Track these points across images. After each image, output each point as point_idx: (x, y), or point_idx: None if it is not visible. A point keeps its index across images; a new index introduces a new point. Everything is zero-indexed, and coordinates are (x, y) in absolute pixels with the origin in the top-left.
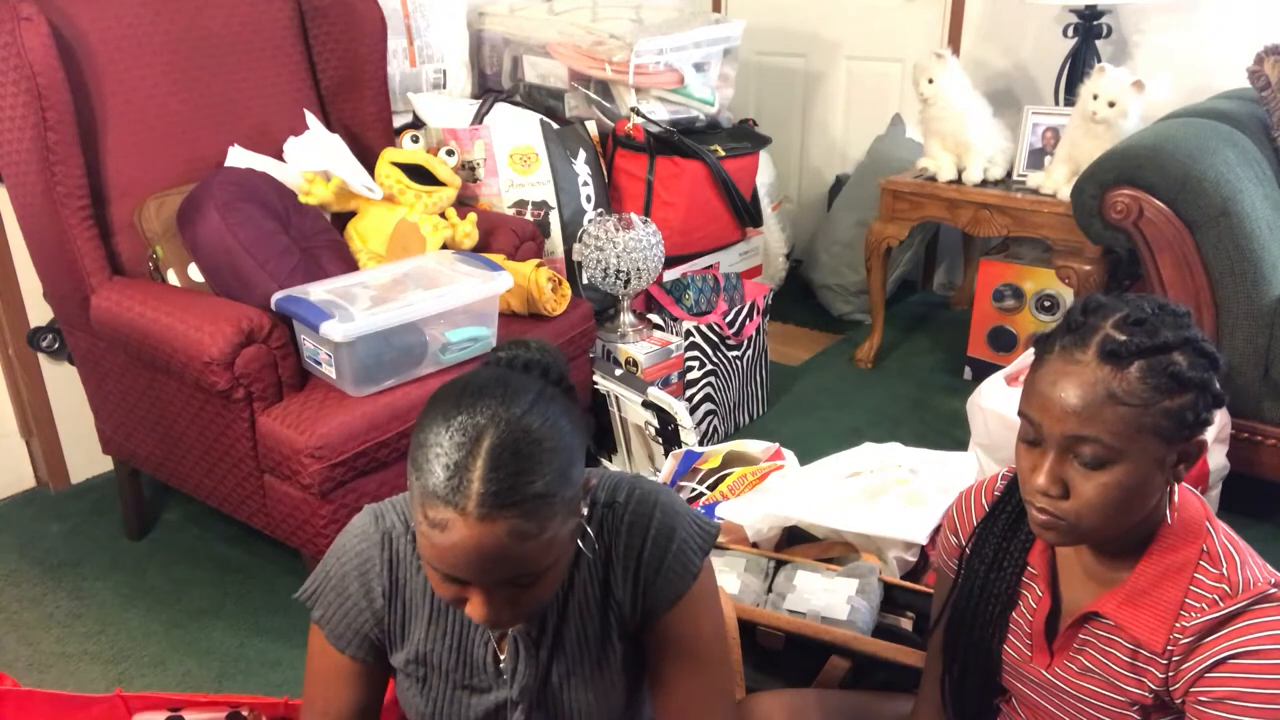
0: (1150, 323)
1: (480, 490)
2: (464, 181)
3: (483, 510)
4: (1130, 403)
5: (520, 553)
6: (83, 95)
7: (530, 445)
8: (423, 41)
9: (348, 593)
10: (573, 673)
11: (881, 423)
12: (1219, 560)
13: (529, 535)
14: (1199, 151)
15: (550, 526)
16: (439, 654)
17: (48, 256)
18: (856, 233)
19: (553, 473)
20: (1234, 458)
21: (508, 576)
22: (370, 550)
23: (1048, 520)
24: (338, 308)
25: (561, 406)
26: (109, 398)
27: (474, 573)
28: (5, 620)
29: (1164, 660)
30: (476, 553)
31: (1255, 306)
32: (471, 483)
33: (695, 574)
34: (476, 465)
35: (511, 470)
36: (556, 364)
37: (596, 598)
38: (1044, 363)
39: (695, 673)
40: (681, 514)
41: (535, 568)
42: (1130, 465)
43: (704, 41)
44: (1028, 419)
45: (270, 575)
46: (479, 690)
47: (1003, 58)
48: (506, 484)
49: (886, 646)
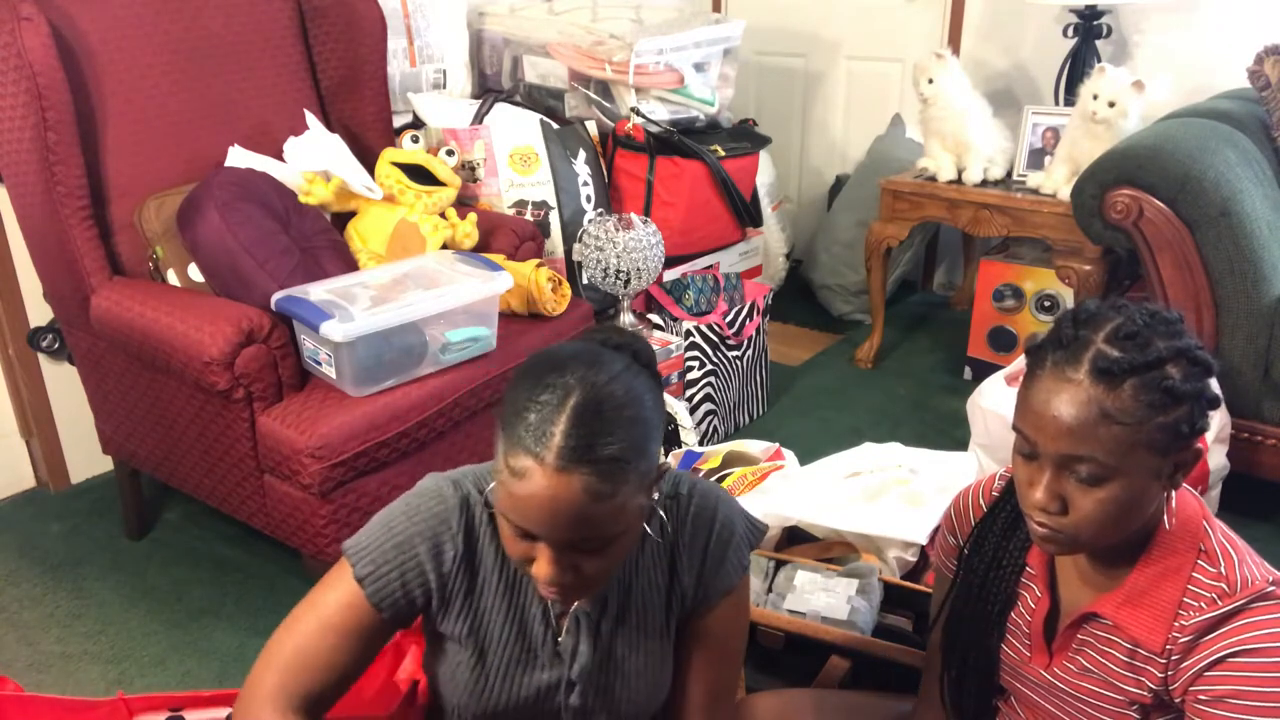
0: (1142, 335)
1: (561, 444)
2: (464, 181)
3: (561, 462)
4: (1124, 421)
5: (591, 512)
6: (83, 95)
7: (613, 410)
8: (423, 41)
9: (413, 553)
10: (631, 655)
11: (881, 423)
12: (1216, 559)
13: (602, 496)
14: (1199, 151)
15: (622, 492)
16: (498, 627)
17: (48, 256)
18: (856, 233)
19: (630, 440)
20: (1234, 458)
21: (577, 536)
22: (448, 514)
23: (1047, 533)
24: (338, 308)
25: (646, 384)
26: (109, 398)
27: (546, 526)
28: (5, 620)
29: (1163, 660)
30: (550, 504)
31: (1255, 306)
32: (554, 435)
33: (747, 567)
34: (561, 419)
35: (593, 429)
36: (645, 350)
37: (662, 583)
38: (1036, 378)
39: (724, 663)
40: (738, 510)
41: (604, 532)
42: (1127, 480)
43: (704, 41)
44: (1023, 435)
45: (270, 575)
46: (533, 669)
47: (1003, 58)
48: (585, 441)
49: (886, 646)
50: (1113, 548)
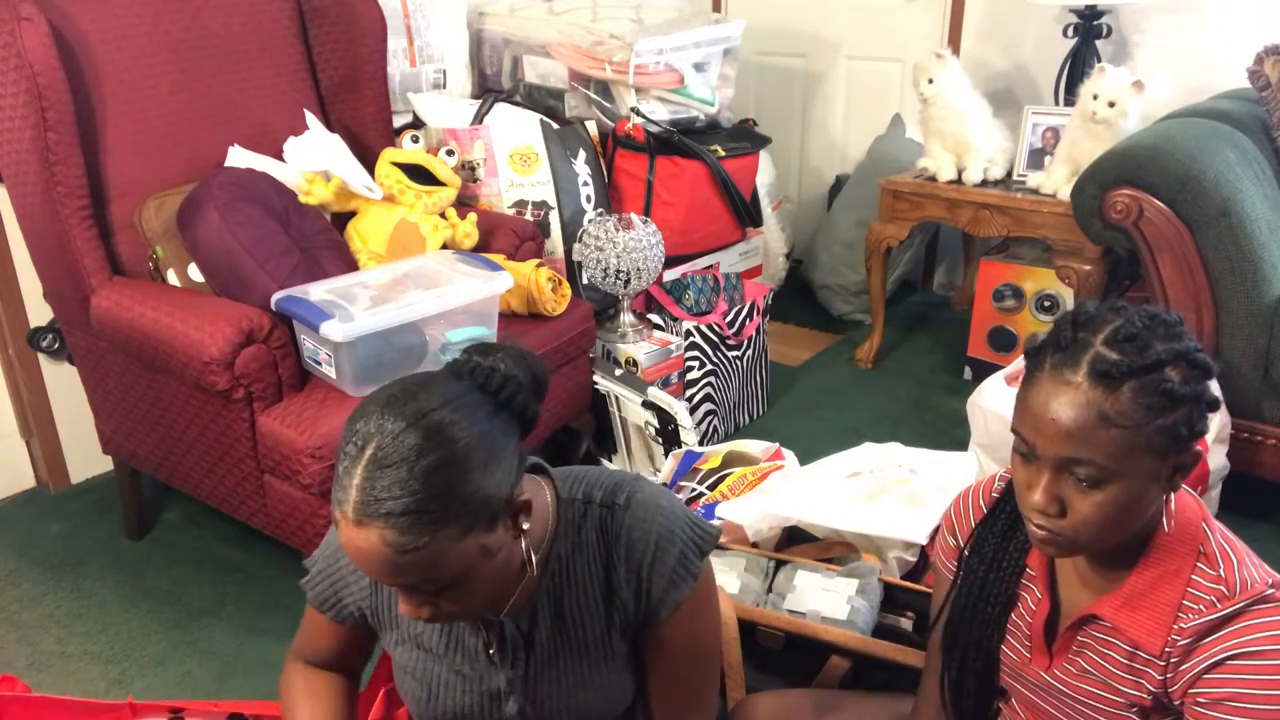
0: (1141, 338)
1: (355, 498)
2: (464, 181)
3: (356, 516)
4: (1123, 424)
5: (402, 562)
6: (83, 95)
7: (403, 462)
8: (423, 41)
9: (338, 567)
10: (569, 665)
11: (881, 423)
12: (1216, 561)
13: (405, 547)
14: (1199, 151)
15: (436, 540)
16: (430, 640)
17: (48, 256)
18: (856, 233)
19: (431, 489)
20: (1234, 458)
21: (404, 582)
22: None
23: (1046, 536)
24: (338, 308)
25: (477, 418)
26: (109, 398)
27: (368, 572)
28: (5, 620)
29: (1162, 662)
30: (358, 555)
31: (1255, 306)
32: (350, 489)
33: (696, 577)
34: (356, 472)
35: (378, 484)
36: (509, 376)
37: (599, 596)
38: (1035, 381)
39: (693, 667)
40: (681, 519)
41: (432, 576)
42: (1125, 483)
43: (704, 41)
44: (1021, 437)
45: (270, 575)
46: (471, 680)
47: (1003, 58)
48: (371, 495)
49: (886, 646)
50: (1112, 550)
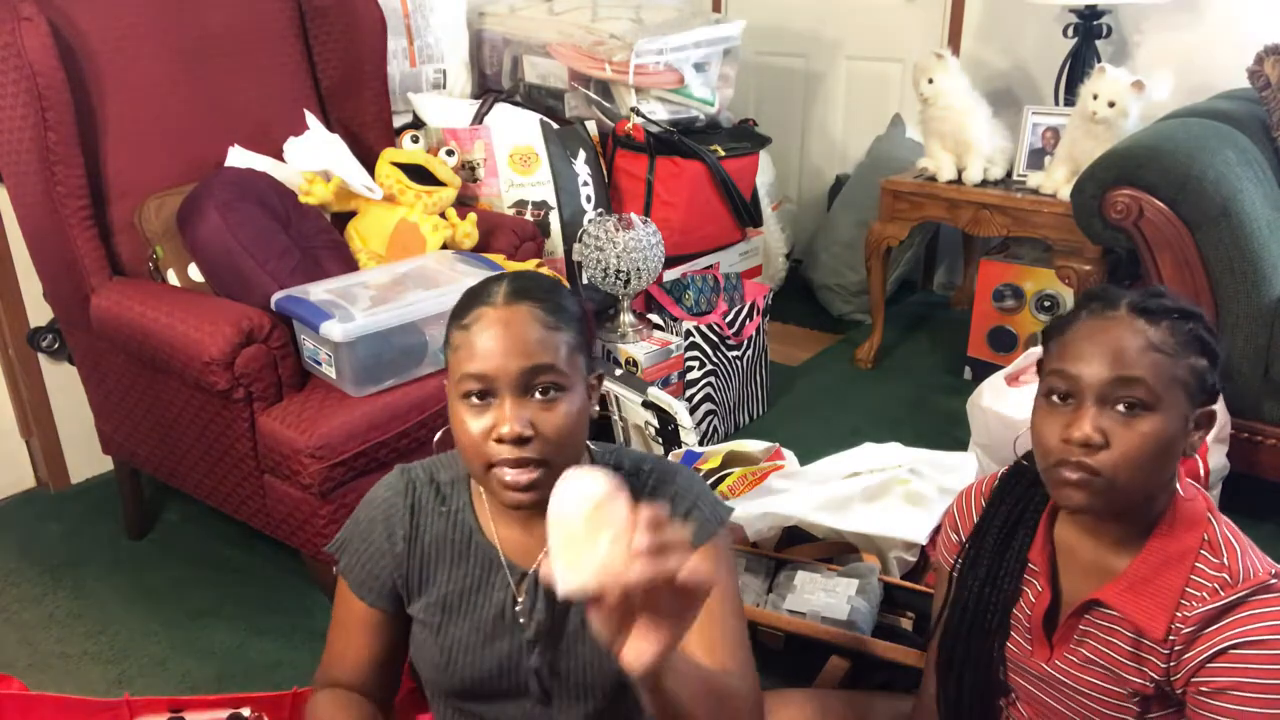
0: (1169, 296)
1: (506, 289)
2: (464, 181)
3: (508, 299)
4: (1166, 351)
5: (542, 337)
6: (83, 95)
7: (544, 279)
8: (423, 41)
9: (372, 539)
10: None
11: (881, 423)
12: (1220, 550)
13: (548, 324)
14: (1199, 151)
15: (564, 333)
16: (455, 598)
17: (48, 256)
18: (856, 233)
19: (564, 294)
20: (1234, 458)
21: (530, 364)
22: (395, 497)
23: (1082, 478)
24: (338, 308)
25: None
26: (109, 398)
27: (501, 356)
28: (5, 620)
29: (1165, 650)
30: (504, 329)
31: (1255, 306)
32: (498, 287)
33: (713, 533)
34: (501, 282)
35: (532, 280)
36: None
37: None
38: (1073, 327)
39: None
40: (700, 484)
41: (555, 364)
42: (1165, 416)
43: (704, 41)
44: (1063, 374)
45: (270, 575)
46: (496, 636)
47: (1003, 58)
48: (526, 285)
49: (886, 646)
50: (1121, 528)
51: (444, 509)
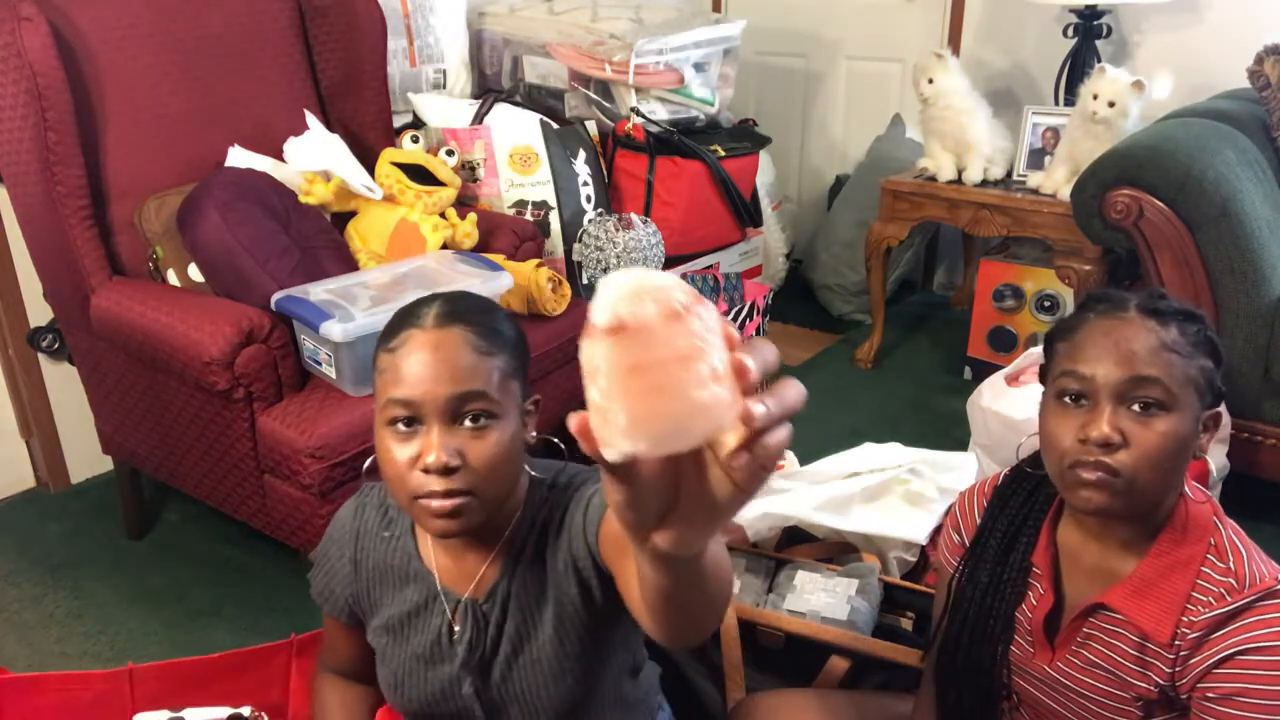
0: (1171, 298)
1: (436, 311)
2: (464, 181)
3: (439, 320)
4: (1180, 351)
5: (473, 362)
6: (83, 95)
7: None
8: (423, 41)
9: (330, 558)
10: (522, 649)
11: (881, 423)
12: (1226, 554)
13: (481, 349)
14: (1199, 151)
15: (497, 358)
16: (399, 621)
17: (48, 256)
18: (856, 233)
19: (498, 318)
20: (1234, 458)
21: (460, 391)
22: (346, 519)
23: (1101, 478)
24: (338, 308)
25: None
26: (109, 398)
27: (429, 381)
28: (5, 620)
29: (1171, 654)
30: (434, 353)
31: (1255, 306)
32: (429, 308)
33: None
34: (434, 303)
35: (464, 301)
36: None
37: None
38: (1082, 328)
39: None
40: None
41: (485, 391)
42: (1180, 416)
43: (704, 41)
44: (1076, 375)
45: (270, 575)
46: (435, 661)
47: (1003, 58)
48: (460, 305)
49: (886, 646)
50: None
51: (386, 534)
